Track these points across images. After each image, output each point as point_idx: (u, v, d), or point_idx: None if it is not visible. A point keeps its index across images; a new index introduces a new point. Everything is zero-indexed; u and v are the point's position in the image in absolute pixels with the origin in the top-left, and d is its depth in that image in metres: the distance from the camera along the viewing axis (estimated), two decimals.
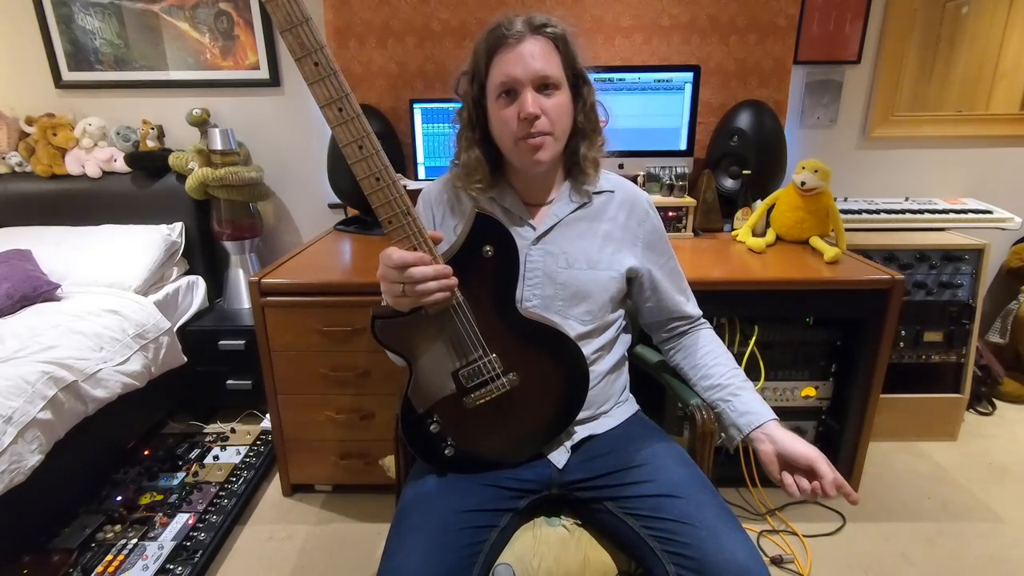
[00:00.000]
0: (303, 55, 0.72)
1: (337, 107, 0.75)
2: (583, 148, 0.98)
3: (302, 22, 0.71)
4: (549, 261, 0.98)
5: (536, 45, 0.89)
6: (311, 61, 0.72)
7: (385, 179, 0.78)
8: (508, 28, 0.89)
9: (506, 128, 0.91)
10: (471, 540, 0.86)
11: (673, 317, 1.08)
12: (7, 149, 2.10)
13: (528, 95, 0.88)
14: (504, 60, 0.89)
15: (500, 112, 0.91)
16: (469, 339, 0.87)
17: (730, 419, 0.99)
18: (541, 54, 0.89)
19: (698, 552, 0.80)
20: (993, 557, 1.48)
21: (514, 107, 0.90)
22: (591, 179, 1.00)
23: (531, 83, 0.89)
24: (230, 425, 2.04)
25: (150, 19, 2.04)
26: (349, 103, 0.75)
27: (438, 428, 0.91)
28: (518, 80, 0.88)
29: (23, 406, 1.33)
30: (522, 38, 0.89)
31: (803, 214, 1.70)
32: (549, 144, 0.92)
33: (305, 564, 1.49)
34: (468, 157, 0.97)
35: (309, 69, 0.73)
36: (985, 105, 2.06)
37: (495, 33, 0.90)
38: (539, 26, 0.90)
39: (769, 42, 1.93)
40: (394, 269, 0.78)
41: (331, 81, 0.73)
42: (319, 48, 0.72)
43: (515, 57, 0.88)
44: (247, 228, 2.09)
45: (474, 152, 0.97)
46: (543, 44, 0.90)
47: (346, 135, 0.76)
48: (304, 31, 0.71)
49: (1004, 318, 2.11)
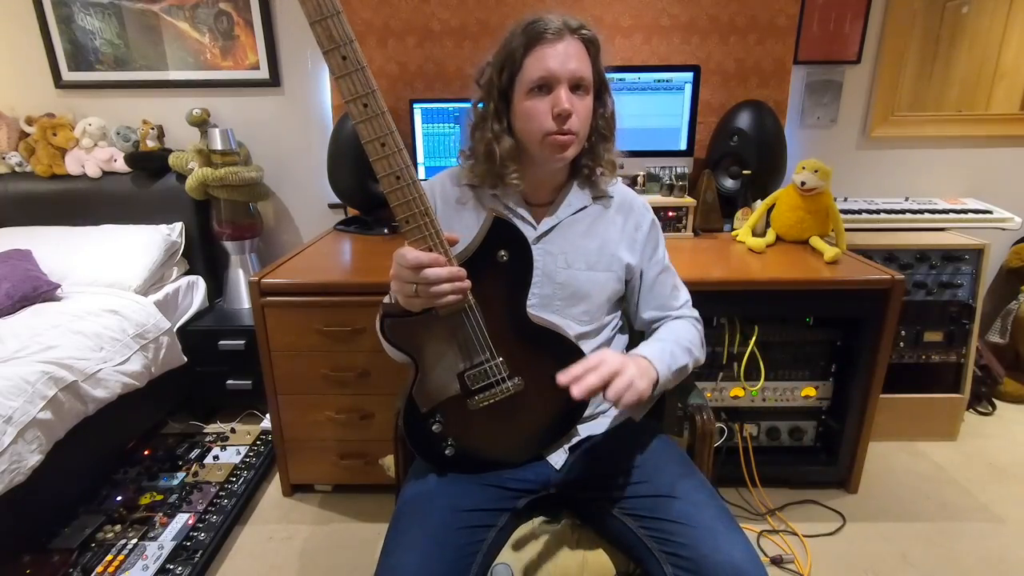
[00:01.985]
0: (331, 48, 0.71)
1: (363, 103, 0.74)
2: (601, 150, 0.99)
3: (333, 14, 0.70)
4: (548, 261, 0.99)
5: (573, 45, 0.90)
6: (339, 55, 0.71)
7: (405, 178, 0.78)
8: (547, 25, 0.89)
9: (535, 122, 0.91)
10: (469, 539, 0.86)
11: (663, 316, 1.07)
12: (7, 149, 2.10)
13: (563, 92, 0.89)
14: (543, 54, 0.89)
15: (533, 104, 0.90)
16: (478, 342, 0.87)
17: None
18: (577, 55, 0.90)
19: (696, 553, 0.80)
20: (993, 557, 1.48)
21: (547, 101, 0.89)
22: (605, 181, 1.02)
23: (567, 81, 0.89)
24: (230, 425, 2.04)
25: (150, 19, 2.04)
26: (375, 99, 0.74)
27: (440, 428, 0.91)
28: (556, 76, 0.88)
29: (23, 406, 1.33)
30: (561, 35, 0.89)
31: (803, 214, 1.70)
32: (573, 144, 0.93)
33: (305, 564, 1.49)
34: (502, 148, 0.94)
35: (336, 62, 0.72)
36: (985, 105, 2.06)
37: (534, 27, 0.90)
38: (577, 28, 0.90)
39: (769, 42, 1.93)
40: (408, 269, 0.78)
41: (358, 76, 0.73)
42: (349, 41, 0.71)
43: (554, 53, 0.89)
44: (247, 228, 2.09)
45: (507, 142, 0.95)
46: (579, 46, 0.90)
47: (370, 132, 0.75)
48: (334, 23, 0.70)
49: (1004, 318, 2.11)
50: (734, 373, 1.64)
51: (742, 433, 1.67)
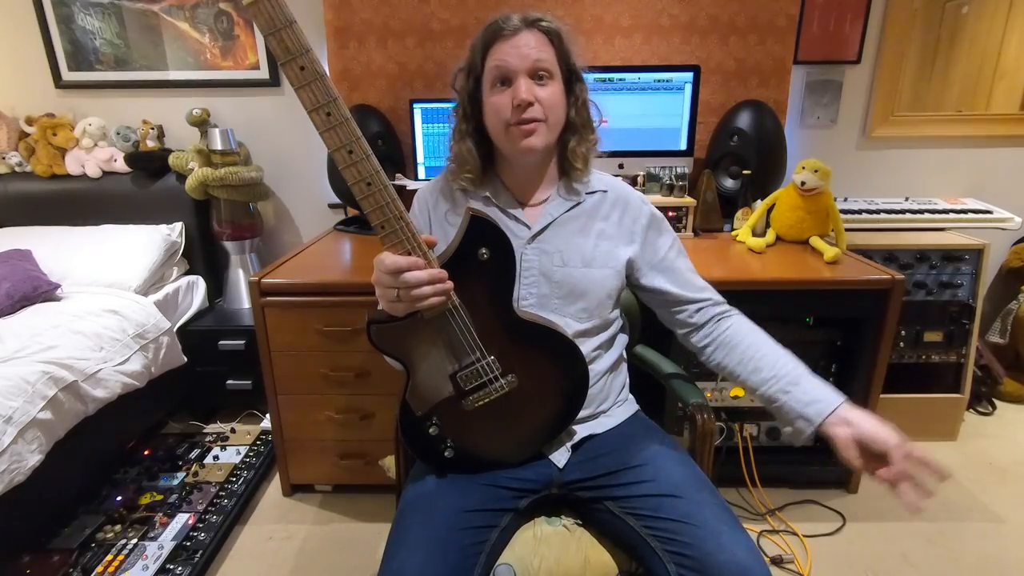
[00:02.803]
0: (287, 60, 0.71)
1: (324, 112, 0.73)
2: (573, 142, 0.98)
3: (285, 25, 0.69)
4: (544, 260, 0.98)
5: (532, 37, 0.91)
6: (296, 65, 0.71)
7: (376, 184, 0.77)
8: (504, 22, 0.91)
9: (499, 115, 0.92)
10: (472, 540, 0.86)
11: (695, 299, 1.03)
12: (7, 149, 2.10)
13: (522, 82, 0.89)
14: (499, 49, 0.91)
15: (494, 99, 0.92)
16: (466, 342, 0.87)
17: (796, 411, 0.90)
18: (536, 44, 0.90)
19: (699, 552, 0.80)
20: (993, 557, 1.48)
21: (507, 93, 0.90)
22: (581, 175, 1.00)
23: (525, 71, 0.90)
24: (230, 425, 2.04)
25: (150, 19, 2.04)
26: (336, 107, 0.73)
27: (437, 430, 0.91)
28: (512, 67, 0.90)
29: (23, 406, 1.33)
30: (518, 31, 0.90)
31: (803, 214, 1.70)
32: (542, 131, 0.92)
33: (305, 564, 1.49)
34: (460, 148, 0.98)
35: (294, 74, 0.71)
36: (985, 105, 2.06)
37: (491, 28, 0.92)
38: (535, 20, 0.92)
39: (769, 42, 1.93)
40: (388, 274, 0.78)
41: (317, 85, 0.72)
42: (304, 52, 0.70)
43: (510, 46, 0.90)
44: (247, 228, 2.09)
45: (465, 143, 0.98)
46: (538, 36, 0.91)
47: (334, 140, 0.75)
48: (288, 35, 0.70)
49: (1004, 318, 2.11)
50: None
51: (742, 433, 1.67)
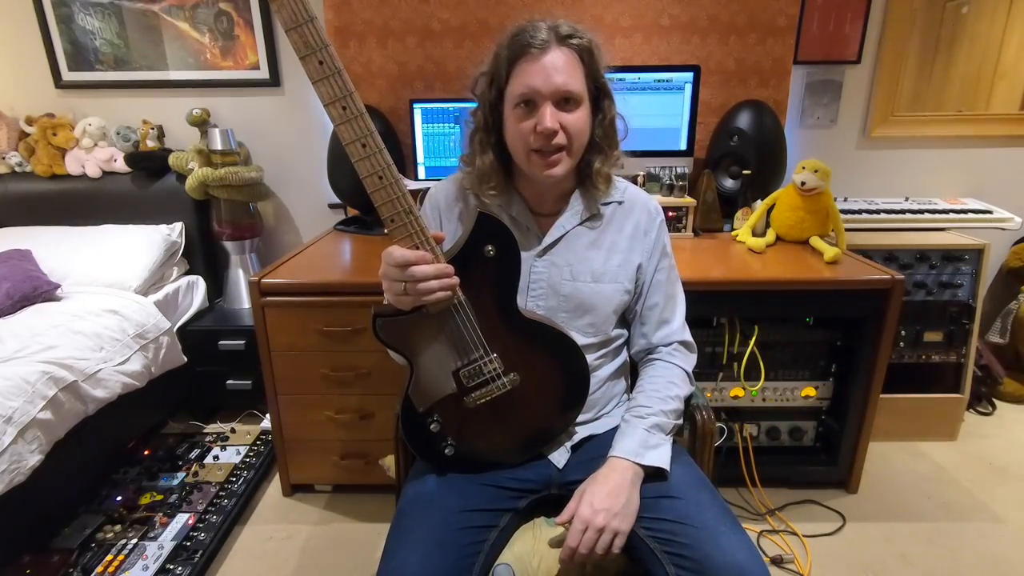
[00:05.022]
0: (307, 53, 0.73)
1: (341, 105, 0.75)
2: (597, 162, 0.95)
3: (307, 21, 0.72)
4: (554, 273, 0.98)
5: (560, 57, 0.86)
6: (316, 59, 0.73)
7: (388, 178, 0.79)
8: (533, 36, 0.86)
9: (521, 139, 0.90)
10: (471, 540, 0.86)
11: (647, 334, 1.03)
12: (7, 149, 2.10)
13: (547, 110, 0.86)
14: (526, 70, 0.87)
15: (517, 123, 0.89)
16: (470, 338, 0.87)
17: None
18: (564, 67, 0.86)
19: (698, 553, 0.80)
20: (993, 557, 1.48)
21: (532, 120, 0.87)
22: (601, 194, 0.99)
23: (551, 97, 0.87)
24: (230, 425, 2.04)
25: (150, 19, 2.03)
26: (352, 102, 0.75)
27: (438, 427, 0.91)
28: (539, 93, 0.86)
29: (23, 406, 1.33)
30: (546, 48, 0.86)
31: (803, 214, 1.70)
32: (563, 160, 0.90)
33: (305, 564, 1.49)
34: (482, 162, 0.95)
35: (313, 67, 0.73)
36: (985, 105, 2.06)
37: (519, 40, 0.87)
38: (565, 36, 0.87)
39: (769, 42, 1.93)
40: (395, 267, 0.78)
41: (335, 80, 0.74)
42: (324, 47, 0.73)
43: (538, 68, 0.86)
44: (247, 228, 2.09)
45: (488, 157, 0.95)
46: (567, 56, 0.87)
47: (349, 133, 0.77)
48: (309, 30, 0.72)
49: (1004, 318, 2.11)
50: (734, 373, 1.64)
51: (742, 433, 1.67)
